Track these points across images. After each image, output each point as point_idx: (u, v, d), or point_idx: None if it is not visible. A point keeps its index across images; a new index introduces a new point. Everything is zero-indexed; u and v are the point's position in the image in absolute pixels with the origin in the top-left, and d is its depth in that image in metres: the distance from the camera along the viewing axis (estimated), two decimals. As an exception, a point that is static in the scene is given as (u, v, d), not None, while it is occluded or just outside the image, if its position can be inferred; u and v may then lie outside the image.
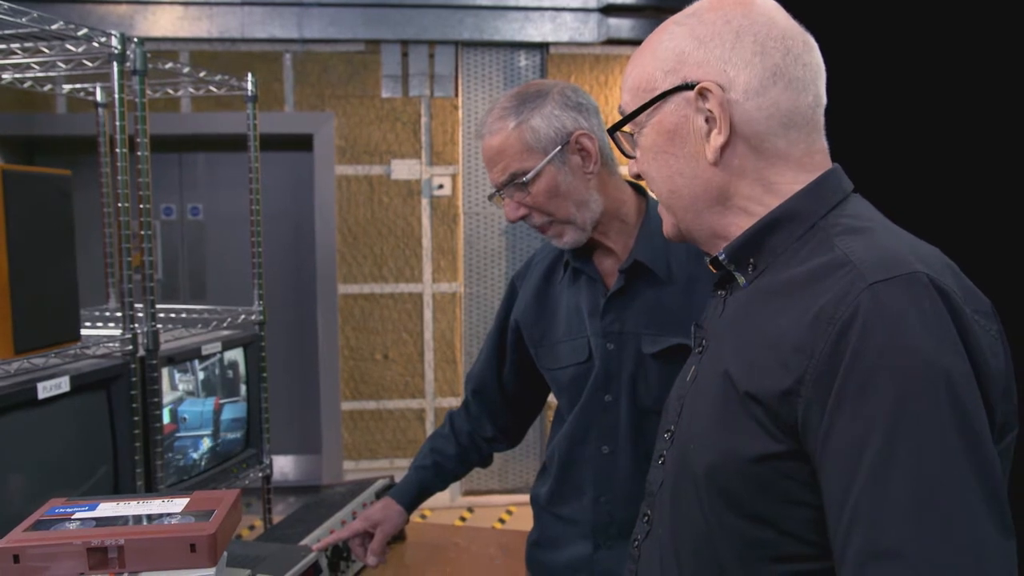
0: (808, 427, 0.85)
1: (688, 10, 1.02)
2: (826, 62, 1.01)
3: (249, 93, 2.40)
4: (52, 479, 1.67)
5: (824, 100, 1.00)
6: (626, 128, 1.06)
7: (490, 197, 1.64)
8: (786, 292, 0.92)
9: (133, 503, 1.25)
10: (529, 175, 1.51)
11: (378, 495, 2.09)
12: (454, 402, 4.99)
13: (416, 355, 5.04)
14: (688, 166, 1.00)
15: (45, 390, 1.61)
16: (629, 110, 1.04)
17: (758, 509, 0.91)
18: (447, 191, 4.94)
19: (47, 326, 1.69)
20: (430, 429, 5.01)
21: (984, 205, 2.85)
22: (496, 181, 1.56)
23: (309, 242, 5.08)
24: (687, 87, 0.97)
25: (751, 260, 0.99)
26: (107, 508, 1.22)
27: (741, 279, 1.01)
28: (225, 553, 1.22)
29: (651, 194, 1.09)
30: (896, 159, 2.87)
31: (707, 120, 0.97)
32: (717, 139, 0.96)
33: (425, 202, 4.95)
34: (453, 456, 1.87)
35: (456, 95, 4.91)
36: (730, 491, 0.93)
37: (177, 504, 1.24)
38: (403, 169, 4.92)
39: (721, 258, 1.01)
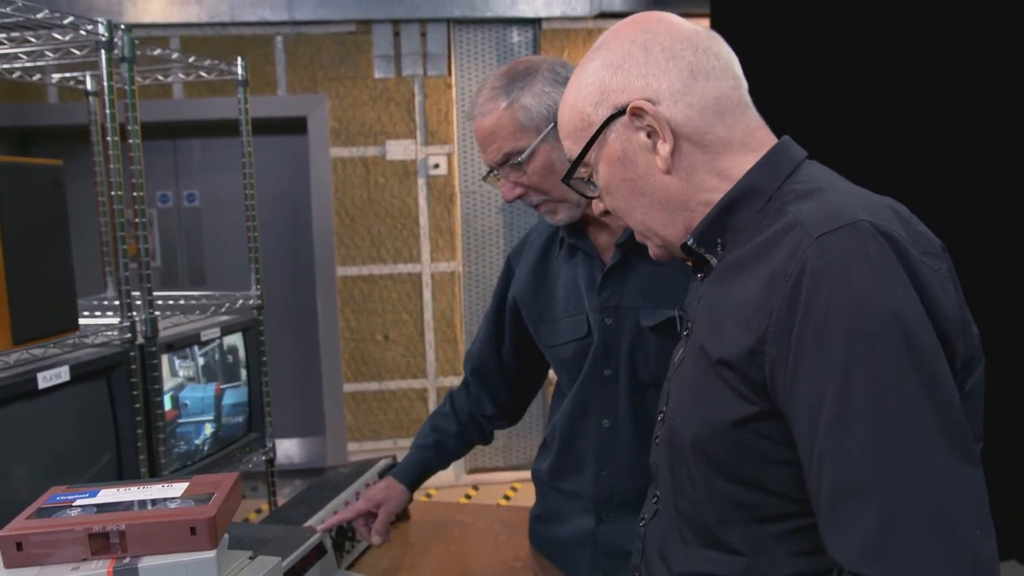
0: (776, 383, 0.89)
1: (596, 45, 1.07)
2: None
3: (239, 77, 2.39)
4: (55, 469, 1.67)
5: (744, 81, 1.04)
6: (580, 172, 1.09)
7: (484, 178, 1.63)
8: (748, 262, 0.96)
9: (133, 489, 1.25)
10: (524, 155, 1.50)
11: (381, 475, 2.10)
12: (456, 381, 4.99)
13: (416, 335, 5.05)
14: (647, 184, 1.04)
15: (45, 380, 1.61)
16: (575, 156, 1.08)
17: (744, 472, 0.96)
18: (443, 170, 4.92)
19: (45, 316, 1.69)
20: (432, 408, 5.02)
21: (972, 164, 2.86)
22: (490, 161, 1.55)
23: (306, 225, 5.07)
24: (620, 113, 1.02)
25: (719, 241, 1.03)
26: (107, 494, 1.23)
27: (713, 260, 1.05)
28: (226, 535, 1.23)
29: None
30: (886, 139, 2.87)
31: (648, 135, 1.01)
32: (664, 148, 1.01)
33: (421, 182, 4.93)
34: (454, 435, 1.88)
35: (449, 74, 4.89)
36: (716, 459, 0.98)
37: (176, 489, 1.24)
38: (398, 150, 4.90)
39: (690, 243, 1.05)
